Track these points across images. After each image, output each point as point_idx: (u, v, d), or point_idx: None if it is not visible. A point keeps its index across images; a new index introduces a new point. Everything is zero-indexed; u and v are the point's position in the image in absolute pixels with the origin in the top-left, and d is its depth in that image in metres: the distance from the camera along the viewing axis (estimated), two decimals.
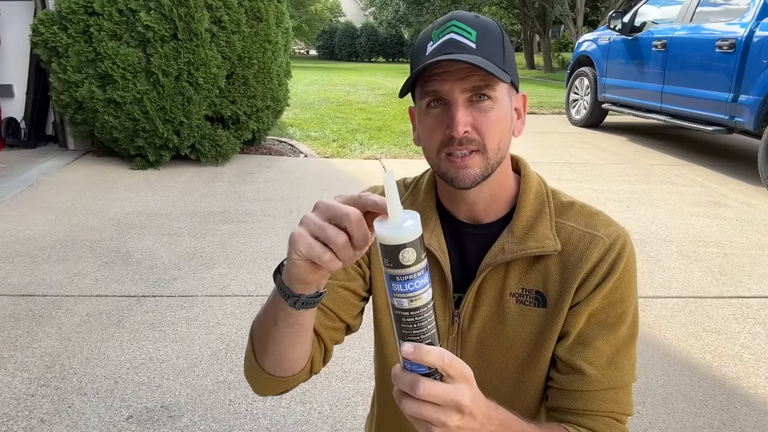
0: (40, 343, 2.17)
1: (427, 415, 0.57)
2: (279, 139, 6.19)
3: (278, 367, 0.78)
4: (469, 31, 0.77)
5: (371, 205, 0.56)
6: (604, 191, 4.41)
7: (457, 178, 0.79)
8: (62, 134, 5.27)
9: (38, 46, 4.56)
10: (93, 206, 3.76)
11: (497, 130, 0.78)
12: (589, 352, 0.80)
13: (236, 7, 4.66)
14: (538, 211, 0.85)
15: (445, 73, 0.76)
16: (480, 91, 0.76)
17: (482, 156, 0.78)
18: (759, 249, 3.31)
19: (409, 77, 0.79)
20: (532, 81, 16.07)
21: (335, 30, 29.46)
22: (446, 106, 0.78)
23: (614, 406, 0.79)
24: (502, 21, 29.02)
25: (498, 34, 0.79)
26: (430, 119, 0.79)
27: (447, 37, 0.77)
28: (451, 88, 0.76)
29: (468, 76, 0.75)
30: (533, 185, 0.87)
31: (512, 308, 0.84)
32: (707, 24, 5.32)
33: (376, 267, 0.92)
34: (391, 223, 0.55)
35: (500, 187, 0.86)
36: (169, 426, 1.75)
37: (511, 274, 0.84)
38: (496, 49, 0.77)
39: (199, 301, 2.54)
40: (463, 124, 0.76)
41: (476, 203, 0.85)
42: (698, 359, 2.21)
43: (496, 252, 0.83)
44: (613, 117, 7.70)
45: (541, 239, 0.82)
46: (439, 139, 0.79)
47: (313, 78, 14.53)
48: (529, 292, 0.83)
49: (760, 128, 4.66)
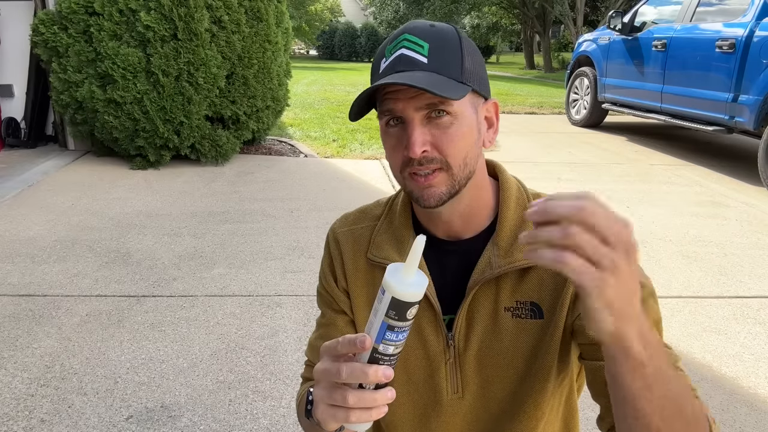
0: (40, 343, 2.17)
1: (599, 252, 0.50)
2: (279, 139, 6.19)
3: None
4: (421, 45, 0.73)
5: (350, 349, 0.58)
6: (604, 191, 4.41)
7: (422, 198, 0.76)
8: (62, 134, 5.27)
9: (38, 45, 4.56)
10: (93, 206, 3.76)
11: (460, 146, 0.74)
12: None
13: (236, 7, 4.66)
14: (521, 220, 0.81)
15: (397, 92, 0.73)
16: (436, 108, 0.72)
17: (447, 173, 0.74)
18: (759, 249, 3.31)
19: (357, 97, 0.75)
20: (532, 81, 16.08)
21: (335, 30, 29.44)
22: (404, 124, 0.75)
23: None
24: (502, 21, 29.04)
25: (455, 42, 0.74)
26: (391, 138, 0.77)
27: (398, 53, 0.73)
28: (404, 106, 0.73)
29: (420, 94, 0.71)
30: (513, 192, 0.84)
31: (508, 323, 0.81)
32: (707, 24, 5.32)
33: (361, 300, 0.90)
34: (410, 280, 0.56)
35: (476, 201, 0.82)
36: (169, 426, 1.75)
37: (502, 289, 0.81)
38: (452, 60, 0.73)
39: (199, 301, 2.54)
40: (420, 144, 0.72)
41: (452, 221, 0.82)
42: (698, 359, 2.20)
43: (483, 267, 0.80)
44: (613, 117, 7.70)
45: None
46: (400, 159, 0.76)
47: (313, 78, 14.53)
48: (523, 305, 0.80)
49: (760, 128, 4.66)
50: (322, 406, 0.61)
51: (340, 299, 0.90)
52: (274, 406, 1.86)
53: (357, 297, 0.89)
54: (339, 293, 0.90)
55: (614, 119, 7.81)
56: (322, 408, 0.61)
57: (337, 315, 0.91)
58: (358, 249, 0.89)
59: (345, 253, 0.90)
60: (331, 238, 0.93)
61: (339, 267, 0.90)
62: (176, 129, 4.63)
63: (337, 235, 0.92)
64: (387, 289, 0.56)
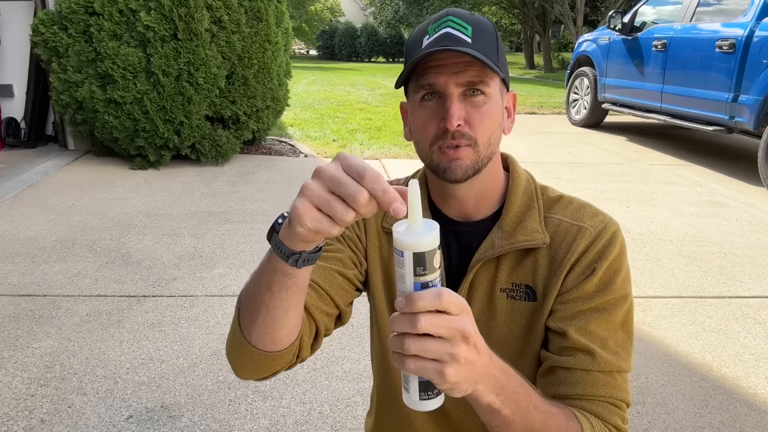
0: (40, 343, 2.17)
1: (433, 350, 0.55)
2: (279, 139, 6.19)
3: (267, 338, 0.74)
4: (465, 27, 0.77)
5: (387, 206, 0.53)
6: (604, 191, 4.41)
7: (449, 169, 0.79)
8: (62, 134, 5.27)
9: (38, 45, 4.56)
10: (93, 206, 3.76)
11: (488, 126, 0.79)
12: (584, 334, 0.79)
13: (236, 7, 4.66)
14: (527, 207, 0.86)
15: (441, 67, 0.77)
16: (474, 86, 0.77)
17: (473, 150, 0.79)
18: (759, 249, 3.31)
19: (405, 68, 0.79)
20: (532, 81, 16.07)
21: (335, 30, 29.45)
22: (441, 99, 0.78)
23: (613, 391, 0.78)
24: (502, 21, 29.07)
25: (492, 32, 0.80)
26: (425, 112, 0.80)
27: (443, 31, 0.77)
28: (446, 81, 0.77)
29: (463, 70, 0.76)
30: (522, 182, 0.88)
31: (503, 303, 0.85)
32: (707, 24, 5.33)
33: (373, 265, 0.92)
34: (420, 229, 0.55)
35: (490, 184, 0.87)
36: (169, 426, 1.75)
37: (501, 270, 0.85)
38: (491, 46, 0.78)
39: (199, 301, 2.54)
40: (457, 117, 0.76)
41: (467, 199, 0.86)
42: (698, 359, 2.21)
43: (486, 247, 0.84)
44: (613, 117, 7.70)
45: (529, 233, 0.83)
46: (433, 132, 0.79)
47: (313, 78, 14.54)
48: (518, 287, 0.84)
49: (760, 128, 4.66)
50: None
51: (353, 239, 0.92)
52: (274, 406, 1.86)
53: (374, 259, 0.92)
54: (353, 236, 0.92)
55: (614, 119, 7.81)
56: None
57: (343, 246, 0.91)
58: (377, 214, 0.93)
59: None
60: None
61: (361, 221, 0.93)
62: (176, 129, 4.63)
63: None
64: (404, 248, 0.55)
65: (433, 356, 0.55)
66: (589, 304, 0.80)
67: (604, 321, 0.79)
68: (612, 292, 0.80)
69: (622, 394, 0.78)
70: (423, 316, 0.54)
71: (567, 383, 0.78)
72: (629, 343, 0.81)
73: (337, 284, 0.87)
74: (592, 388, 0.77)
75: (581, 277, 0.81)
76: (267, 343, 0.74)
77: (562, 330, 0.80)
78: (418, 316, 0.54)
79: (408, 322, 0.55)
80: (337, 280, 0.87)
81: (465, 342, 0.56)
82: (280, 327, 0.73)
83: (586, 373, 0.78)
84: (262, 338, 0.74)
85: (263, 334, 0.73)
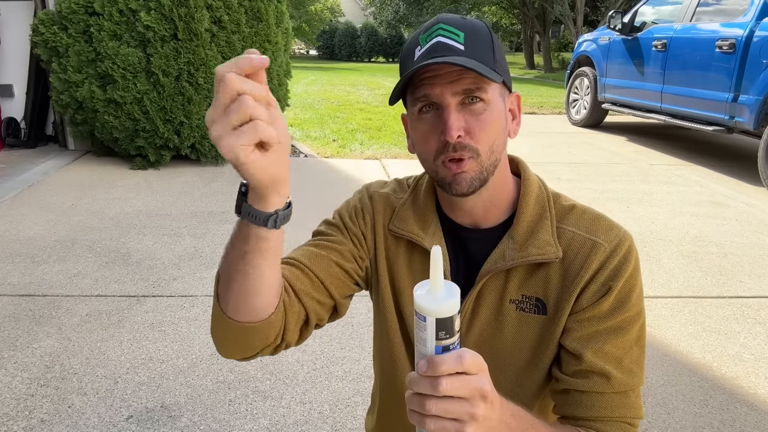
0: (40, 343, 2.17)
1: (454, 411, 0.57)
2: None
3: (244, 307, 0.72)
4: (456, 33, 0.75)
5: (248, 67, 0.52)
6: (604, 191, 4.41)
7: (454, 183, 0.78)
8: (62, 134, 5.27)
9: (38, 46, 4.56)
10: (93, 206, 3.76)
11: (490, 133, 0.77)
12: (600, 356, 0.78)
13: (236, 7, 4.66)
14: (539, 216, 0.83)
15: (435, 77, 0.75)
16: (472, 94, 0.75)
17: (476, 161, 0.77)
18: (759, 249, 3.31)
19: (398, 83, 0.77)
20: (532, 81, 16.08)
21: (335, 30, 29.46)
22: (438, 110, 0.76)
23: (627, 411, 0.78)
24: (502, 21, 29.07)
25: (486, 34, 0.78)
26: (424, 125, 0.78)
27: (434, 41, 0.75)
28: (441, 91, 0.75)
29: (458, 79, 0.74)
30: (534, 189, 0.85)
31: (511, 315, 0.83)
32: (707, 24, 5.33)
33: (380, 264, 0.90)
34: (442, 294, 0.56)
35: (499, 192, 0.84)
36: (169, 426, 1.76)
37: (511, 281, 0.83)
38: (486, 50, 0.76)
39: (199, 301, 2.54)
40: (456, 129, 0.74)
41: (475, 209, 0.84)
42: (698, 359, 2.21)
43: (497, 258, 0.82)
44: (613, 117, 7.70)
45: (542, 246, 0.81)
46: (435, 146, 0.77)
47: (313, 78, 14.54)
48: (529, 299, 0.82)
49: (760, 128, 4.66)
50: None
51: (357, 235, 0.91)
52: (274, 406, 1.86)
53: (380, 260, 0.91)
54: (358, 232, 0.91)
55: (614, 119, 7.81)
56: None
57: (344, 239, 0.90)
58: (385, 215, 0.92)
59: (377, 212, 0.92)
60: (365, 194, 0.95)
61: (369, 219, 0.92)
62: (176, 129, 4.63)
63: (372, 193, 0.95)
64: (427, 313, 0.56)
65: (453, 416, 0.57)
66: (604, 324, 0.79)
67: (619, 340, 0.79)
68: (627, 310, 0.79)
69: (635, 411, 0.79)
70: (445, 379, 0.56)
71: (582, 405, 0.78)
72: (642, 356, 0.81)
73: (333, 274, 0.86)
74: (607, 410, 0.77)
75: (596, 296, 0.79)
76: (243, 314, 0.73)
77: (578, 352, 0.79)
78: (440, 379, 0.56)
79: (429, 385, 0.56)
80: (333, 270, 0.86)
81: (483, 400, 0.58)
82: (256, 293, 0.71)
83: (600, 396, 0.78)
84: (237, 308, 0.72)
85: (240, 303, 0.72)
